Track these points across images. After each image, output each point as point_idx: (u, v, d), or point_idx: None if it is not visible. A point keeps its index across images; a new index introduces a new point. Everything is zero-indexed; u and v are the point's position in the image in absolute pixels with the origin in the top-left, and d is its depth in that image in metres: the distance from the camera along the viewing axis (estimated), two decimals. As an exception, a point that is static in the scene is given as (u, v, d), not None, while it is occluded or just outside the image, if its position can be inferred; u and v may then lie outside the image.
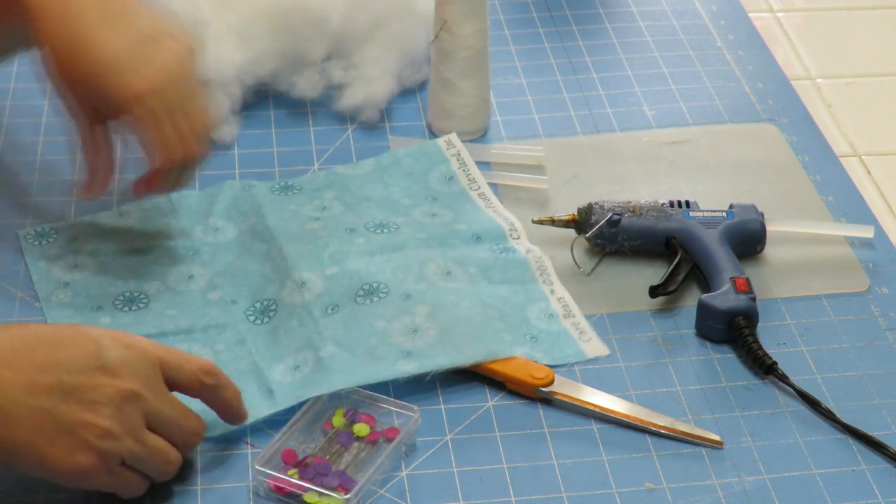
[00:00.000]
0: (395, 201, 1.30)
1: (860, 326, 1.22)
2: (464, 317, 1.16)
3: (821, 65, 1.64)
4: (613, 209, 1.28)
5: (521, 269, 1.23)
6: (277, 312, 1.19)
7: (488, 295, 1.20)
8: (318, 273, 1.20)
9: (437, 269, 1.21)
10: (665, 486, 1.07)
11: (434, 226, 1.27)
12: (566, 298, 1.21)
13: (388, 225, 1.26)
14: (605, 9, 1.66)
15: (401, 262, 1.21)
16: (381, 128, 1.45)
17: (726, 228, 1.26)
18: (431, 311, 1.16)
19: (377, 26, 1.47)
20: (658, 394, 1.15)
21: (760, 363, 1.16)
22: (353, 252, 1.23)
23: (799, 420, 1.13)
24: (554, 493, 1.07)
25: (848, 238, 1.31)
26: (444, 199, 1.31)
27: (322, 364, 1.13)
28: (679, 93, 1.52)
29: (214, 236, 1.27)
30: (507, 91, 1.51)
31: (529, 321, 1.19)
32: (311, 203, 1.30)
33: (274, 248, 1.24)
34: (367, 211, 1.29)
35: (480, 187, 1.33)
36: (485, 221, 1.29)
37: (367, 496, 1.06)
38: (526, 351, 1.16)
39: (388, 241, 1.24)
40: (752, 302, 1.19)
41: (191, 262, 1.24)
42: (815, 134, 1.46)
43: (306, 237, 1.25)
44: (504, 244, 1.26)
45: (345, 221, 1.27)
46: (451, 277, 1.20)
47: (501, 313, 1.18)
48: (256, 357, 1.16)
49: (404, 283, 1.19)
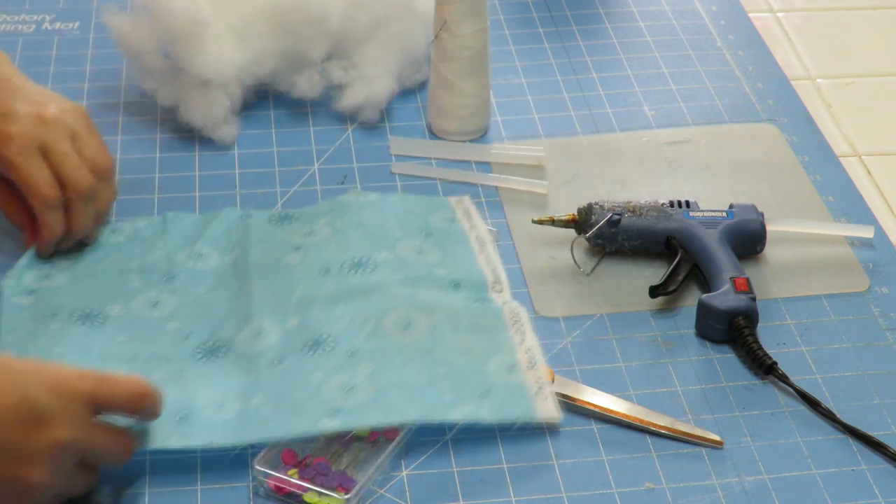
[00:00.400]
0: (386, 230, 1.26)
1: (860, 326, 1.22)
2: (406, 379, 1.11)
3: (821, 65, 1.64)
4: (613, 209, 1.28)
5: (492, 318, 1.18)
6: (226, 355, 1.15)
7: (446, 348, 1.14)
8: (278, 324, 1.17)
9: (396, 321, 1.16)
10: (665, 486, 1.07)
11: (415, 265, 1.22)
12: (534, 350, 1.14)
13: (367, 263, 1.21)
14: (605, 9, 1.66)
15: (363, 311, 1.16)
16: (381, 128, 1.45)
17: (726, 228, 1.26)
18: (373, 372, 1.11)
19: (377, 26, 1.47)
20: (658, 394, 1.15)
21: (760, 363, 1.16)
22: (318, 299, 1.18)
23: (799, 420, 1.13)
24: (554, 493, 1.07)
25: (848, 238, 1.31)
26: (439, 236, 1.26)
27: (244, 414, 1.09)
28: (679, 93, 1.52)
29: (195, 263, 1.24)
30: (507, 91, 1.51)
31: (488, 373, 1.12)
32: (301, 229, 1.27)
33: (245, 287, 1.21)
34: (351, 240, 1.24)
35: (480, 232, 1.27)
36: (470, 268, 1.23)
37: (367, 496, 1.06)
38: (470, 410, 1.09)
39: (358, 284, 1.19)
40: (752, 302, 1.19)
41: (161, 289, 1.22)
42: (815, 134, 1.46)
43: (279, 275, 1.22)
44: (482, 294, 1.20)
45: (323, 256, 1.23)
46: (410, 330, 1.15)
47: (453, 369, 1.12)
48: (190, 384, 1.12)
49: (356, 337, 1.14)
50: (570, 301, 1.25)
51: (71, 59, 1.55)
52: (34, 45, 1.57)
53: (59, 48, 1.56)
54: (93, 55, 1.55)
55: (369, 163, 1.40)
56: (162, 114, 1.46)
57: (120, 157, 1.40)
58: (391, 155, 1.42)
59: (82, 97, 1.48)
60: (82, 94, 1.49)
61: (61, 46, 1.57)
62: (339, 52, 1.48)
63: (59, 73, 1.52)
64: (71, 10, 1.63)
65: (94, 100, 1.48)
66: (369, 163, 1.40)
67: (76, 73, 1.52)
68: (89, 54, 1.55)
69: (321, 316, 1.17)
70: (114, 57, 1.51)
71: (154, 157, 1.41)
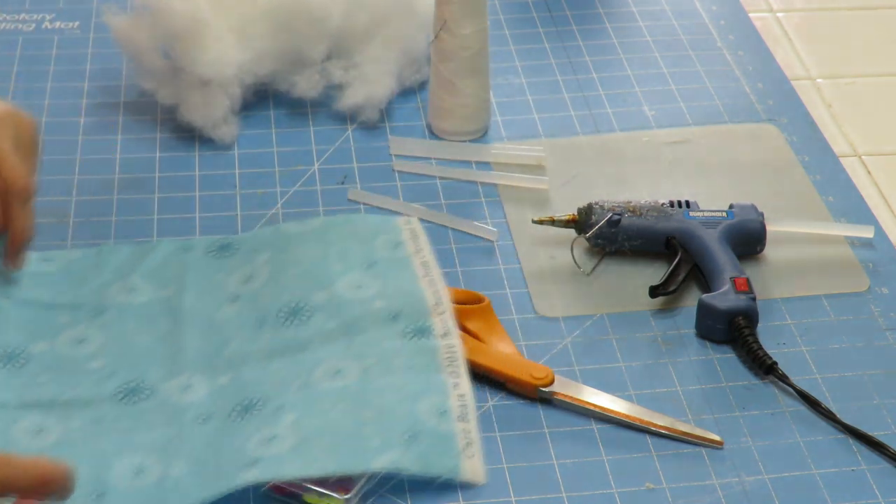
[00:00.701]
0: (325, 267, 1.21)
1: (860, 326, 1.22)
2: (330, 425, 1.07)
3: (821, 65, 1.64)
4: (613, 209, 1.28)
5: (427, 358, 1.13)
6: (148, 399, 1.12)
7: (375, 391, 1.10)
8: (208, 380, 1.13)
9: (326, 370, 1.12)
10: (665, 486, 1.07)
11: (351, 305, 1.17)
12: (468, 397, 1.10)
13: (303, 310, 1.17)
14: (605, 9, 1.66)
15: (294, 367, 1.13)
16: (381, 128, 1.45)
17: (726, 228, 1.26)
18: (297, 420, 1.07)
19: (377, 26, 1.47)
20: (658, 394, 1.15)
21: (760, 363, 1.16)
22: (252, 355, 1.15)
23: (799, 420, 1.13)
24: (554, 493, 1.07)
25: (848, 238, 1.31)
26: (382, 265, 1.21)
27: (164, 483, 1.05)
28: (679, 93, 1.52)
29: (126, 297, 1.20)
30: (507, 91, 1.51)
31: (417, 415, 1.07)
32: (241, 270, 1.22)
33: (177, 331, 1.17)
34: (289, 283, 1.20)
35: (425, 257, 1.22)
36: (411, 295, 1.18)
37: (368, 496, 1.06)
38: (394, 457, 1.04)
39: (293, 338, 1.15)
40: (752, 302, 1.19)
41: (89, 324, 1.18)
42: (815, 134, 1.46)
43: (214, 330, 1.17)
44: (423, 322, 1.15)
45: (260, 305, 1.19)
46: (340, 375, 1.11)
47: (381, 413, 1.08)
48: (106, 442, 1.08)
49: (285, 394, 1.10)
50: (570, 301, 1.25)
51: (71, 58, 1.54)
52: (34, 45, 1.57)
53: (59, 48, 1.56)
54: (93, 55, 1.55)
55: (369, 163, 1.40)
56: (162, 114, 1.45)
57: (120, 157, 1.40)
58: (391, 155, 1.42)
59: (82, 97, 1.48)
60: (82, 93, 1.49)
61: (61, 46, 1.57)
62: (339, 52, 1.48)
63: (59, 73, 1.52)
64: (71, 10, 1.63)
65: (94, 100, 1.48)
66: (369, 163, 1.40)
67: (76, 72, 1.52)
68: (89, 54, 1.55)
69: (254, 376, 1.13)
70: (114, 57, 1.51)
71: (154, 157, 1.41)
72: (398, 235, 1.25)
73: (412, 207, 1.34)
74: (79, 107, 1.47)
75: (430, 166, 1.40)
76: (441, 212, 1.34)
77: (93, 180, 1.35)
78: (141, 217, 1.32)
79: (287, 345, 1.15)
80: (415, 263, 1.22)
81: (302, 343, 1.15)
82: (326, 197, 1.36)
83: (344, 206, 1.35)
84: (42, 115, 1.44)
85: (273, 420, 1.08)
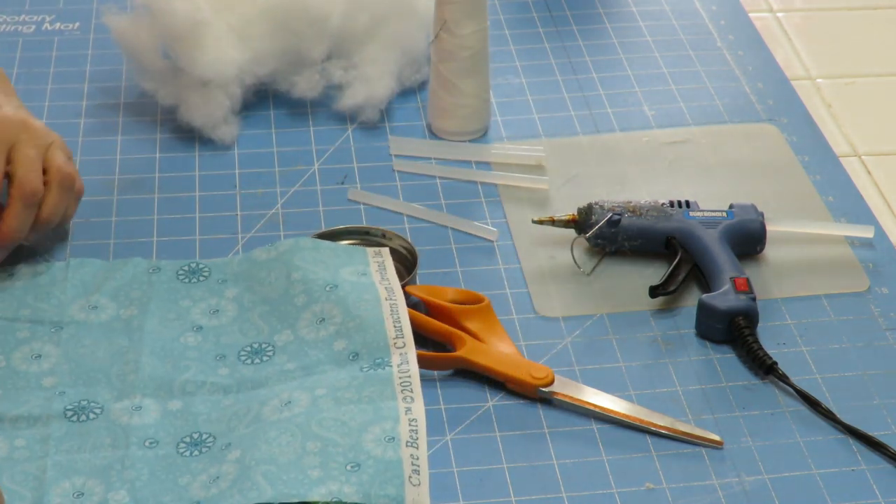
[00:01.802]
0: (289, 300, 1.19)
1: (860, 326, 1.22)
2: (272, 455, 1.05)
3: (821, 65, 1.64)
4: (613, 209, 1.28)
5: (379, 387, 1.10)
6: (98, 419, 1.11)
7: (322, 421, 1.07)
8: (159, 403, 1.12)
9: (277, 405, 1.10)
10: (665, 486, 1.07)
11: (312, 346, 1.16)
12: (420, 422, 1.07)
13: (264, 351, 1.17)
14: (605, 9, 1.66)
15: (247, 404, 1.12)
16: (381, 128, 1.45)
17: (726, 228, 1.26)
18: (241, 455, 1.06)
19: (377, 26, 1.47)
20: (658, 394, 1.15)
21: (760, 363, 1.16)
22: (207, 386, 1.14)
23: (799, 420, 1.13)
24: (554, 493, 1.07)
25: (848, 238, 1.31)
26: (345, 288, 1.19)
27: None
28: (679, 93, 1.52)
29: (87, 315, 1.19)
30: (507, 91, 1.51)
31: (362, 445, 1.05)
32: (207, 301, 1.21)
33: (133, 352, 1.16)
34: (254, 323, 1.19)
35: (391, 285, 1.20)
36: (372, 328, 1.15)
37: (367, 496, 1.06)
38: (335, 488, 1.01)
39: (250, 378, 1.14)
40: (752, 302, 1.19)
41: (47, 341, 1.17)
42: (815, 134, 1.46)
43: (172, 355, 1.16)
44: (381, 358, 1.13)
45: (223, 341, 1.18)
46: (289, 406, 1.09)
47: (325, 443, 1.05)
48: (48, 463, 1.07)
49: (234, 430, 1.09)
50: (570, 301, 1.25)
51: (71, 59, 1.55)
52: (34, 46, 1.57)
53: (59, 48, 1.56)
54: (93, 55, 1.55)
55: (369, 163, 1.40)
56: (162, 114, 1.46)
57: (120, 157, 1.41)
58: (391, 155, 1.42)
59: (82, 97, 1.48)
60: (82, 94, 1.49)
61: (61, 47, 1.57)
62: (339, 52, 1.48)
63: (59, 74, 1.52)
64: (71, 10, 1.63)
65: (94, 100, 1.48)
66: (369, 163, 1.40)
67: (76, 73, 1.52)
68: (89, 54, 1.55)
69: (205, 409, 1.12)
70: (114, 57, 1.52)
71: (154, 157, 1.41)
72: (366, 265, 1.23)
73: (412, 207, 1.34)
74: (79, 108, 1.47)
75: (430, 166, 1.40)
76: (441, 212, 1.34)
77: (93, 181, 1.35)
78: (141, 217, 1.32)
79: (243, 382, 1.14)
80: (379, 290, 1.19)
81: (258, 381, 1.14)
82: (326, 197, 1.36)
83: (344, 206, 1.35)
84: (42, 116, 1.44)
85: (219, 458, 1.07)
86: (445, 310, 1.20)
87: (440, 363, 1.17)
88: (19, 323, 1.19)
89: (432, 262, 1.28)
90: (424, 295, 1.22)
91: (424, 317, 1.20)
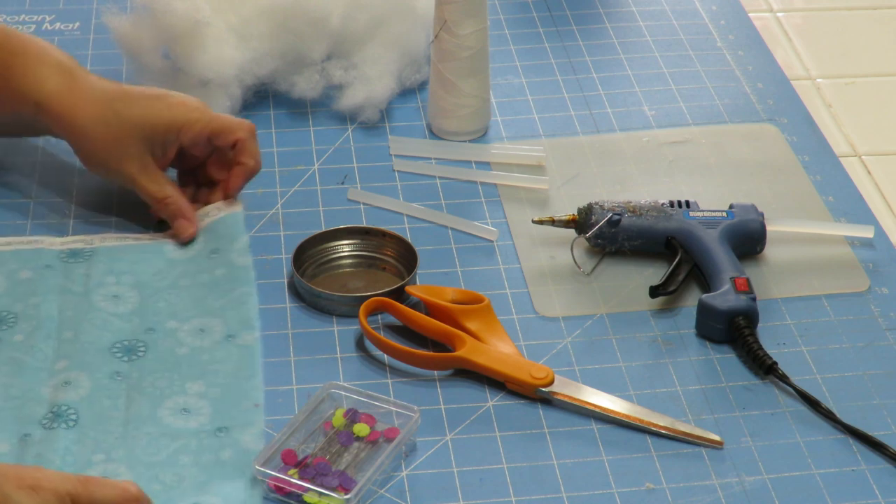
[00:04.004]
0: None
1: (860, 326, 1.22)
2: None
3: (821, 65, 1.64)
4: (613, 209, 1.28)
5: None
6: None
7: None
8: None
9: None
10: (665, 486, 1.07)
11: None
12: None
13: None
14: (605, 9, 1.66)
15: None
16: (381, 128, 1.45)
17: (726, 228, 1.26)
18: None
19: (377, 26, 1.47)
20: (658, 394, 1.15)
21: (760, 363, 1.16)
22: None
23: (799, 420, 1.13)
24: (554, 493, 1.07)
25: (848, 238, 1.31)
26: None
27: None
28: (679, 93, 1.52)
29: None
30: (507, 91, 1.51)
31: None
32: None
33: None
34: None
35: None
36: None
37: (367, 496, 1.06)
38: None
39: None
40: (752, 302, 1.19)
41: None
42: (815, 134, 1.46)
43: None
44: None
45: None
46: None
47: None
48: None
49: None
50: (570, 301, 1.25)
51: (71, 59, 1.54)
52: (34, 45, 1.56)
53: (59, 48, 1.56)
54: (93, 55, 1.55)
55: (369, 163, 1.40)
56: (162, 114, 1.45)
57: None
58: (391, 155, 1.42)
59: (82, 97, 1.48)
60: (82, 94, 1.49)
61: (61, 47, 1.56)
62: (339, 52, 1.48)
63: (59, 73, 1.52)
64: (71, 10, 1.63)
65: (94, 100, 1.48)
66: (369, 163, 1.40)
67: (76, 73, 1.52)
68: (89, 54, 1.55)
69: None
70: (114, 57, 1.51)
71: (154, 157, 1.41)
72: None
73: (412, 207, 1.34)
74: (79, 107, 1.47)
75: (430, 166, 1.40)
76: (441, 212, 1.34)
77: (93, 181, 1.35)
78: (141, 217, 1.32)
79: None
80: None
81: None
82: (326, 197, 1.36)
83: (344, 206, 1.35)
84: (42, 115, 1.44)
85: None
86: (445, 310, 1.20)
87: (440, 363, 1.17)
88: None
89: (432, 262, 1.28)
90: (424, 295, 1.22)
91: (424, 317, 1.20)
